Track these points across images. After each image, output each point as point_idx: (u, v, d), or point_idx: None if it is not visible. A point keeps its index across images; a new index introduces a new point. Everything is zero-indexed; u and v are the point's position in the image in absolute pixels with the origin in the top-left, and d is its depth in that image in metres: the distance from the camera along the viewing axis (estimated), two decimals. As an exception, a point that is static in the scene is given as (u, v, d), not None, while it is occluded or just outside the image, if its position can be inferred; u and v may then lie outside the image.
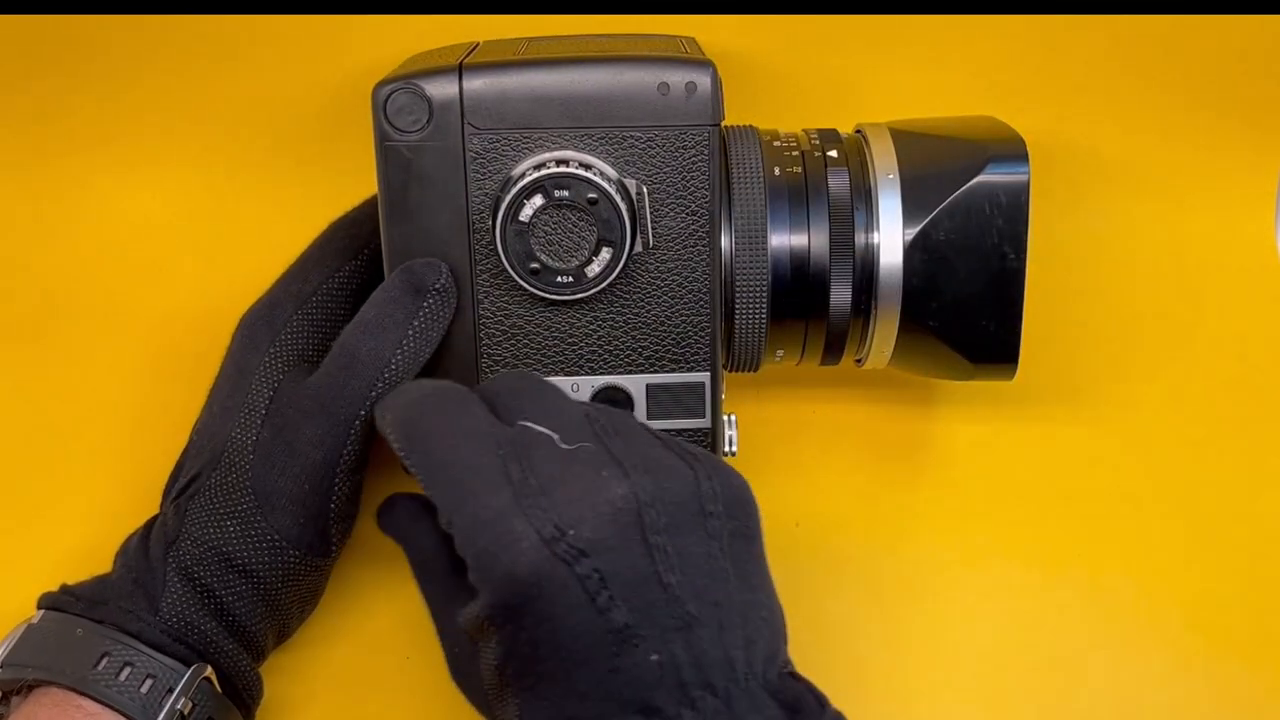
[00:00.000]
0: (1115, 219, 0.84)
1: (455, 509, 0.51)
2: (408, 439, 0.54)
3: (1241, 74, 0.80)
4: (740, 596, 0.51)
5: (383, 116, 0.60)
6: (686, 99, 0.60)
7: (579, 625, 0.48)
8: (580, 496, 0.50)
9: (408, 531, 0.58)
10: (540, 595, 0.48)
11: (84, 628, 0.57)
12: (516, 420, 0.54)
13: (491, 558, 0.49)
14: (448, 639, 0.56)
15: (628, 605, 0.48)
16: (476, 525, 0.50)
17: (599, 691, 0.48)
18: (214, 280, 0.80)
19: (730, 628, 0.49)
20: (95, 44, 0.78)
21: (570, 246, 0.60)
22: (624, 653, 0.48)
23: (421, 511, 0.58)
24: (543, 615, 0.48)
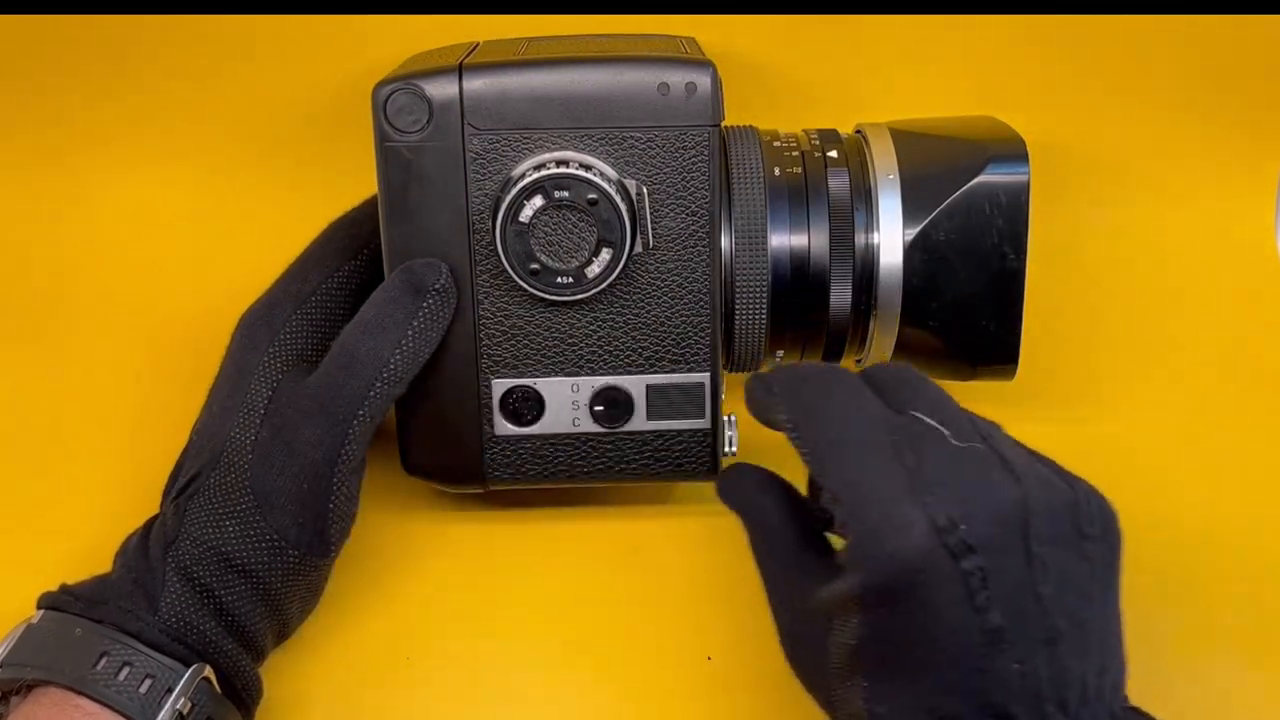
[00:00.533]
0: (1115, 219, 0.84)
1: (848, 485, 0.50)
2: (801, 411, 0.53)
3: (1241, 74, 0.80)
4: (1100, 621, 0.51)
5: (383, 117, 0.60)
6: (686, 99, 0.60)
7: (956, 620, 0.47)
8: (973, 494, 0.49)
9: (752, 503, 0.57)
10: (923, 583, 0.48)
11: (83, 627, 0.57)
12: (906, 410, 0.53)
13: (879, 537, 0.48)
14: (786, 615, 0.55)
15: (1003, 609, 0.48)
16: (867, 504, 0.49)
17: (961, 689, 0.48)
18: (214, 280, 0.80)
19: (1089, 651, 0.49)
20: (95, 44, 0.78)
21: (570, 247, 0.60)
22: (993, 655, 0.47)
23: (769, 483, 0.57)
24: (922, 603, 0.48)
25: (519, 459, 0.66)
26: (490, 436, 0.65)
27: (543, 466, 0.66)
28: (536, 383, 0.64)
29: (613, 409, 0.64)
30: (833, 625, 0.51)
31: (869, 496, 0.49)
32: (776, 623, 0.55)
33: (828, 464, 0.51)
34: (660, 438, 0.65)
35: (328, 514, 0.61)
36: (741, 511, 0.57)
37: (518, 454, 0.65)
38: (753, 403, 0.56)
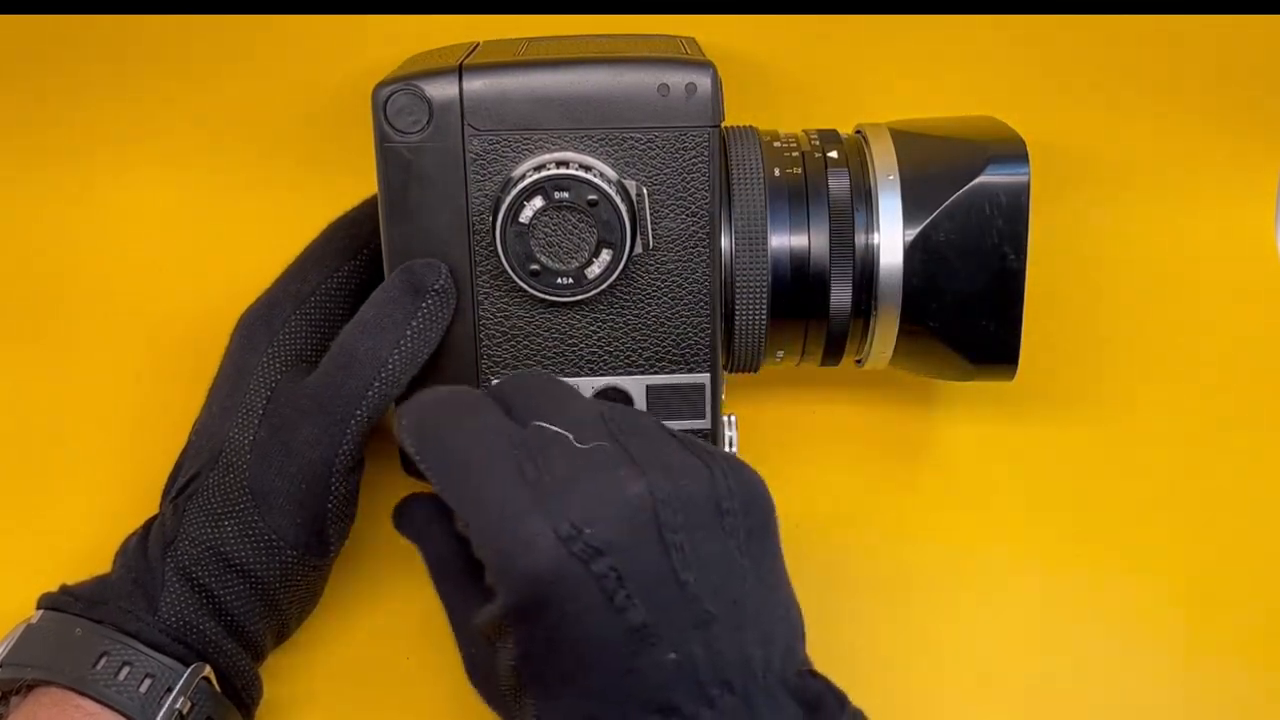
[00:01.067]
0: (1115, 219, 0.84)
1: (470, 510, 0.50)
2: (421, 440, 0.53)
3: (1241, 74, 0.80)
4: (757, 594, 0.51)
5: (383, 117, 0.60)
6: (686, 100, 0.60)
7: (596, 624, 0.48)
8: (596, 495, 0.49)
9: (424, 532, 0.58)
10: (557, 594, 0.48)
11: (83, 627, 0.57)
12: (531, 420, 0.53)
13: (508, 557, 0.48)
14: (464, 640, 0.55)
15: (645, 604, 0.48)
16: (492, 525, 0.49)
17: (616, 691, 0.48)
18: (214, 280, 0.80)
19: (748, 626, 0.49)
20: (95, 44, 0.78)
21: (570, 248, 0.60)
22: (642, 652, 0.47)
23: (437, 513, 0.57)
24: (559, 614, 0.48)
25: (519, 460, 0.66)
26: None
27: (543, 467, 0.66)
28: None
29: (613, 410, 0.64)
30: (495, 647, 0.51)
31: (494, 516, 0.50)
32: (459, 648, 0.56)
33: (452, 489, 0.52)
34: None
35: (326, 514, 0.61)
36: (415, 541, 0.58)
37: None
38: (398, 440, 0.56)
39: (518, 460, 0.51)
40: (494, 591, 0.50)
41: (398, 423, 0.56)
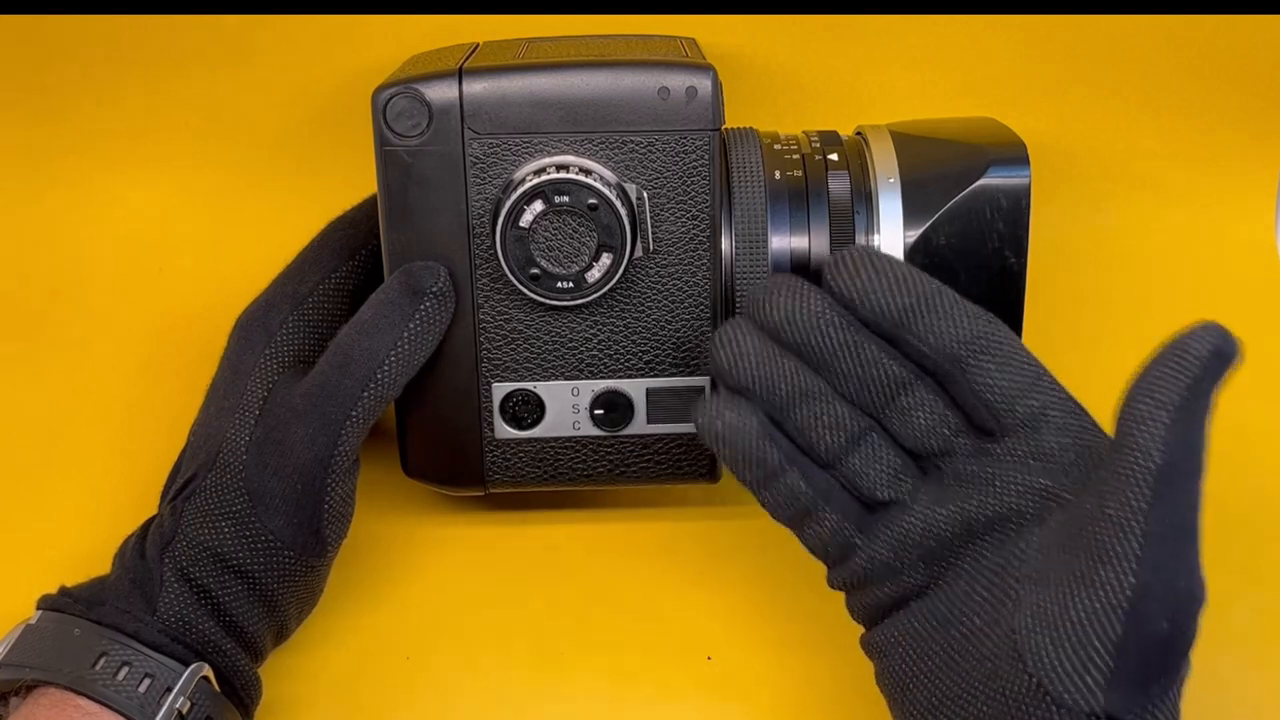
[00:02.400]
0: (1115, 219, 0.84)
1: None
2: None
3: (1241, 74, 0.80)
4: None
5: (382, 121, 0.60)
6: (687, 103, 0.60)
7: None
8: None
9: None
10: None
11: (81, 628, 0.57)
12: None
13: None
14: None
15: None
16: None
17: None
18: (214, 280, 0.80)
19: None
20: (95, 44, 0.78)
21: (570, 252, 0.60)
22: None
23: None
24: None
25: (519, 463, 0.66)
26: (490, 440, 0.65)
27: (543, 470, 0.66)
28: (537, 386, 0.64)
29: (613, 413, 0.64)
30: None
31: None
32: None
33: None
34: (660, 441, 0.65)
35: (322, 514, 0.61)
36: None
37: (518, 458, 0.66)
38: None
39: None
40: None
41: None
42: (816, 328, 0.53)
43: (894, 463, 0.55)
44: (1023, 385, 0.53)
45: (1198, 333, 0.47)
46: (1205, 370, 0.46)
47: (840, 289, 0.53)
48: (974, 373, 0.53)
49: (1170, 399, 0.46)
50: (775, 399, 0.54)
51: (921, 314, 0.53)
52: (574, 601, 0.68)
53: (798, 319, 0.53)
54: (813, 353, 0.54)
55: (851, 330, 0.53)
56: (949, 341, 0.53)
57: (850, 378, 0.54)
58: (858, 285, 0.53)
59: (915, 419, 0.54)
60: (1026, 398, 0.53)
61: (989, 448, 0.53)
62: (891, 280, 0.53)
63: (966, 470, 0.54)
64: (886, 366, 0.54)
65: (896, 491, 0.55)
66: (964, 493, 0.53)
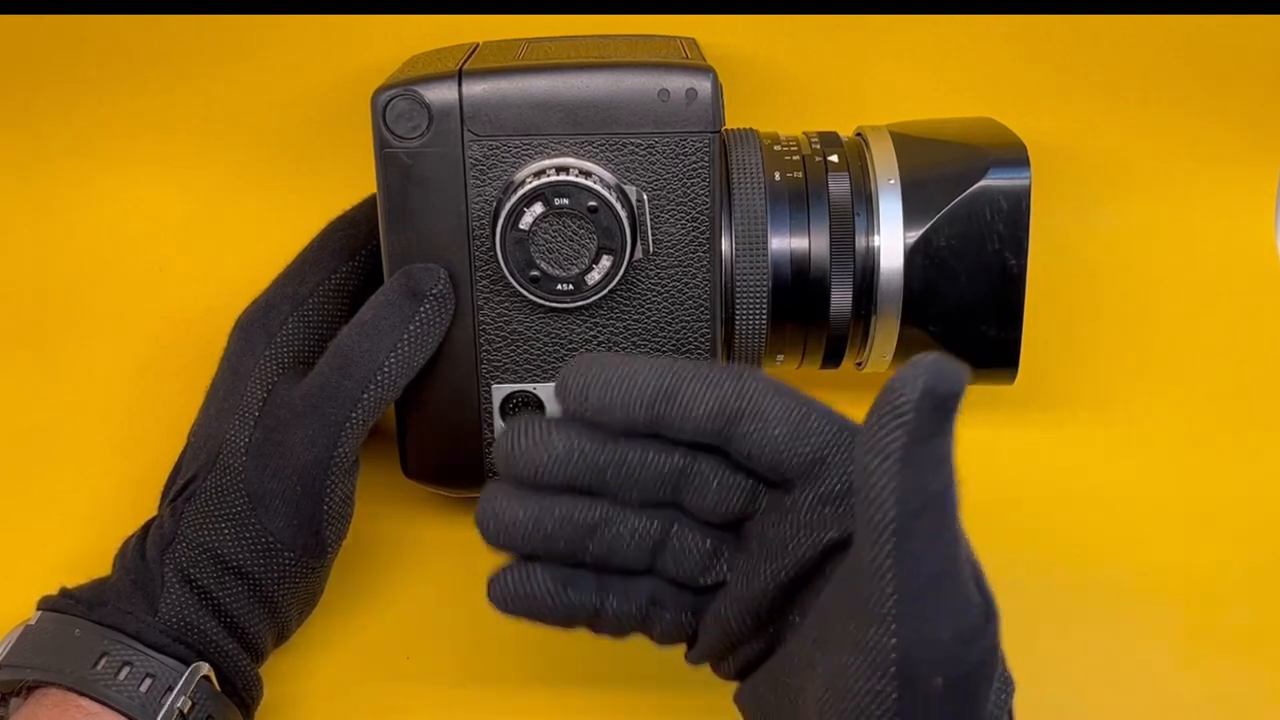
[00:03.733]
0: (1115, 220, 0.84)
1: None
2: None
3: (1241, 74, 0.80)
4: None
5: (382, 123, 0.60)
6: (686, 105, 0.60)
7: None
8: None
9: None
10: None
11: (82, 628, 0.57)
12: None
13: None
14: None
15: None
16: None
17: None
18: (214, 280, 0.80)
19: None
20: (95, 44, 0.78)
21: (570, 254, 0.60)
22: None
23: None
24: None
25: (519, 464, 0.66)
26: (491, 442, 0.65)
27: (543, 471, 0.66)
28: (537, 388, 0.64)
29: (613, 414, 0.64)
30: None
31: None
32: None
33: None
34: None
35: (322, 515, 0.61)
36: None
37: None
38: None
39: None
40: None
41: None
42: (570, 464, 0.51)
43: (704, 547, 0.52)
44: (787, 438, 0.49)
45: (905, 376, 0.44)
46: (920, 416, 0.43)
47: (576, 412, 0.50)
48: (738, 441, 0.49)
49: (891, 449, 0.43)
50: (564, 548, 0.52)
51: (664, 408, 0.49)
52: (574, 601, 0.68)
53: (547, 464, 0.50)
54: (580, 486, 0.51)
55: (606, 448, 0.51)
56: (702, 424, 0.49)
57: (628, 488, 0.51)
58: (591, 405, 0.50)
59: (707, 495, 0.51)
60: (797, 447, 0.49)
61: (784, 500, 0.51)
62: (622, 389, 0.50)
63: (769, 531, 0.51)
64: (657, 464, 0.51)
65: (716, 574, 0.52)
66: (770, 556, 0.51)
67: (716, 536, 0.52)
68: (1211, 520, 0.72)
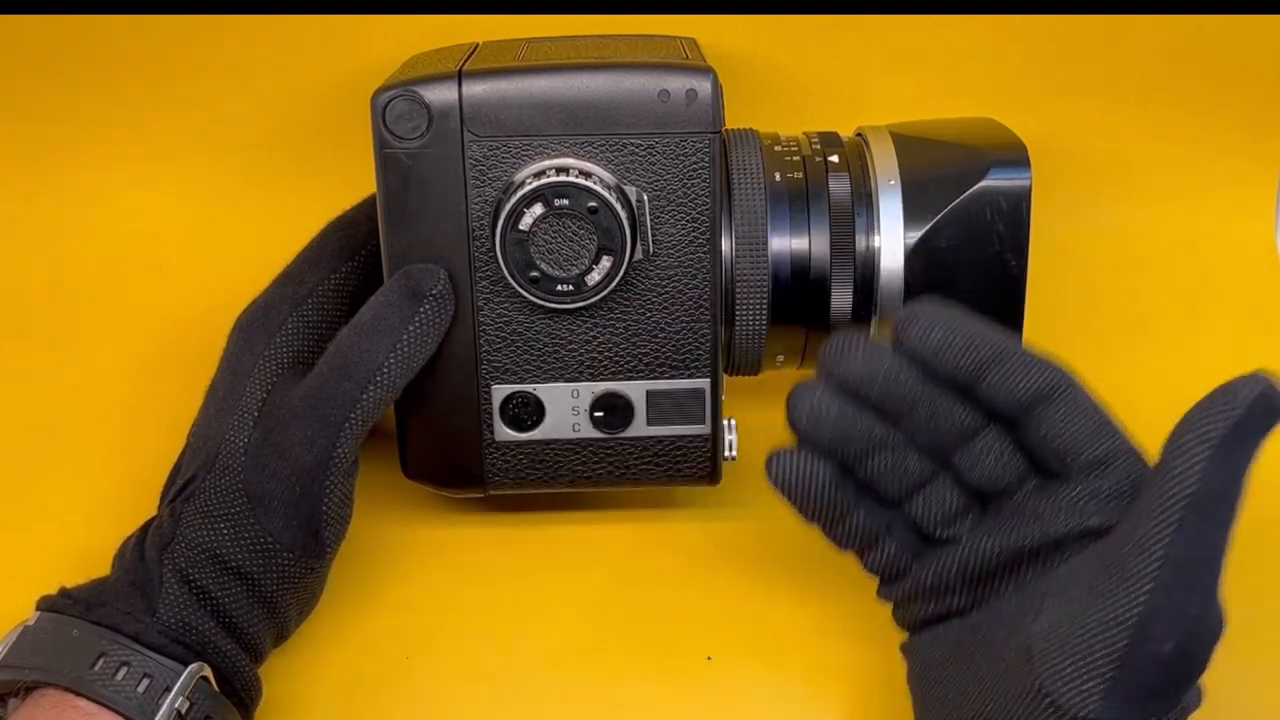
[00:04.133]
0: (1115, 219, 0.84)
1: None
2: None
3: (1241, 74, 0.80)
4: None
5: (382, 124, 0.60)
6: (687, 106, 0.60)
7: None
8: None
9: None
10: None
11: (80, 628, 0.57)
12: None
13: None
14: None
15: None
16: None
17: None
18: (214, 280, 0.80)
19: None
20: (96, 44, 0.78)
21: (570, 255, 0.60)
22: None
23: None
24: None
25: (519, 464, 0.66)
26: (490, 442, 0.65)
27: (543, 472, 0.66)
28: (537, 389, 0.64)
29: (613, 415, 0.64)
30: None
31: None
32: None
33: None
34: (660, 443, 0.65)
35: (321, 516, 0.61)
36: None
37: (518, 459, 0.66)
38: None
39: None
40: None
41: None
42: (893, 386, 0.55)
43: (955, 504, 0.57)
44: (1089, 432, 0.54)
45: (1248, 379, 0.49)
46: (1251, 413, 0.48)
47: (913, 346, 0.54)
48: (1042, 421, 0.54)
49: (1212, 434, 0.48)
50: (849, 452, 0.56)
51: (992, 369, 0.54)
52: (574, 601, 0.68)
53: (875, 377, 0.55)
54: (887, 407, 0.55)
55: (924, 386, 0.55)
56: (1018, 393, 0.54)
57: (922, 428, 0.56)
58: (929, 343, 0.54)
59: (983, 463, 0.56)
60: (1093, 444, 0.54)
61: (1051, 487, 0.55)
62: (963, 338, 0.54)
63: (1024, 506, 0.56)
64: (958, 416, 0.55)
65: (953, 530, 0.57)
66: (1016, 525, 0.55)
67: (968, 498, 0.57)
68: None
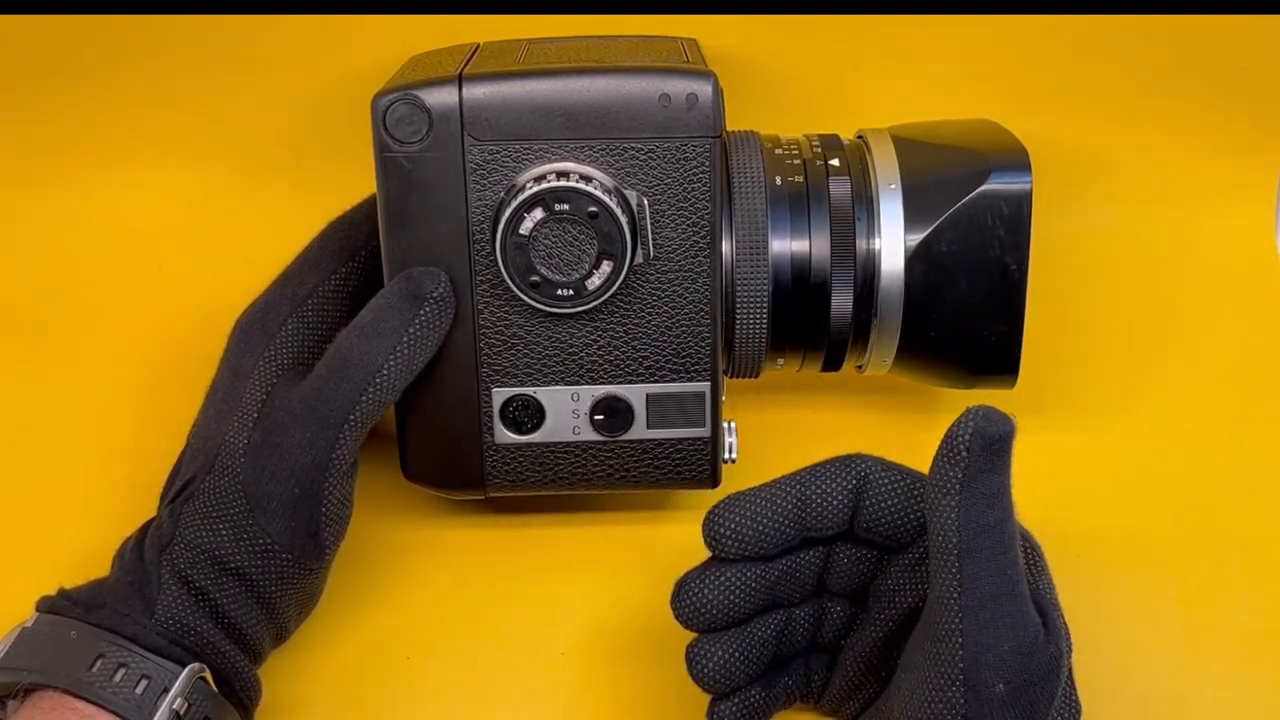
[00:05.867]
0: (1115, 220, 0.84)
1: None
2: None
3: (1241, 74, 0.80)
4: None
5: (382, 127, 0.60)
6: (687, 110, 0.60)
7: None
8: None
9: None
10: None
11: (78, 630, 0.57)
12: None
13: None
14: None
15: None
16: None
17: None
18: (214, 280, 0.80)
19: None
20: (96, 44, 0.78)
21: (571, 260, 0.60)
22: None
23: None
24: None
25: (519, 467, 0.66)
26: (490, 445, 0.65)
27: (543, 474, 0.66)
28: (537, 392, 0.64)
29: (613, 418, 0.64)
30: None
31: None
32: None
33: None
34: (660, 446, 0.65)
35: (320, 517, 0.61)
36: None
37: (518, 462, 0.66)
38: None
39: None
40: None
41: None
42: (741, 600, 0.57)
43: (843, 616, 0.60)
44: (898, 509, 0.57)
45: (962, 421, 0.52)
46: (973, 453, 0.51)
47: (737, 555, 0.57)
48: (861, 517, 0.57)
49: (951, 485, 0.51)
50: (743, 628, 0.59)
51: (806, 516, 0.57)
52: (574, 601, 0.68)
53: (736, 605, 0.57)
54: (750, 609, 0.58)
55: (771, 568, 0.58)
56: (838, 513, 0.57)
57: (793, 592, 0.59)
58: (747, 545, 0.57)
59: (842, 574, 0.59)
60: (908, 513, 0.57)
61: (894, 559, 0.58)
62: (765, 520, 0.57)
63: (882, 587, 0.58)
64: (810, 563, 0.59)
65: (849, 636, 0.60)
66: (882, 609, 0.58)
67: (851, 604, 0.60)
68: (1212, 521, 0.72)
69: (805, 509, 0.56)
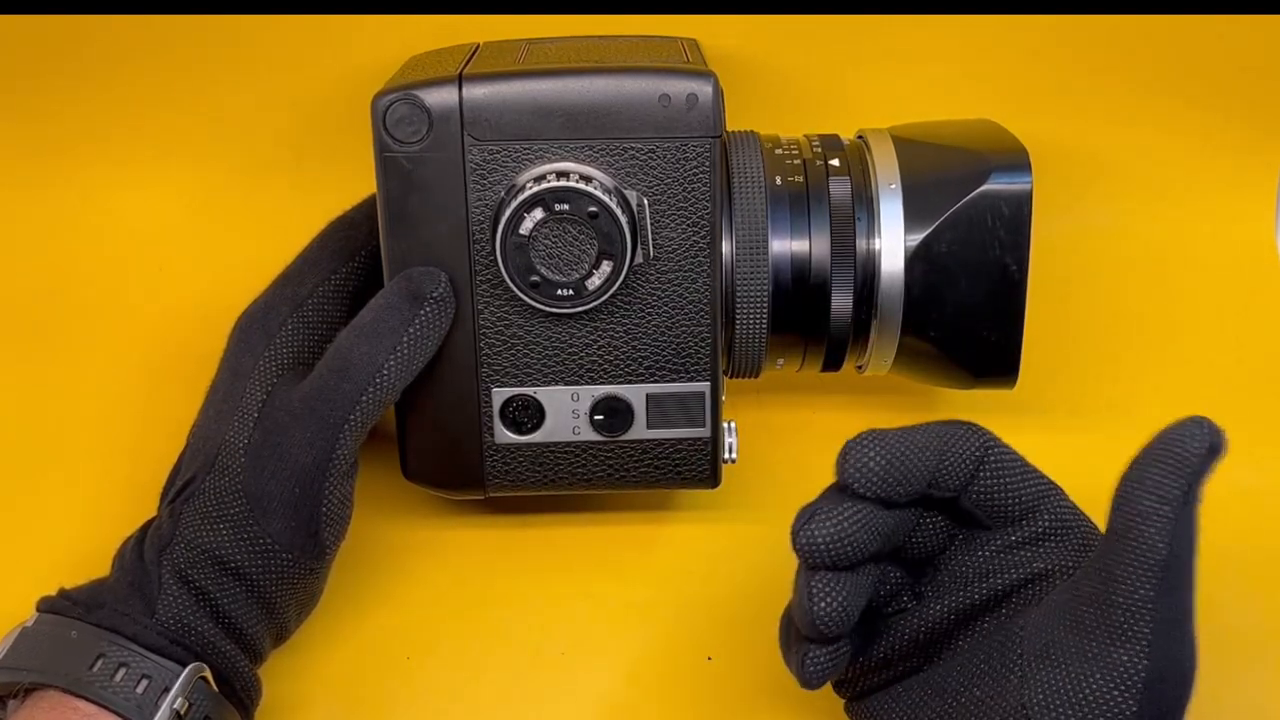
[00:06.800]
0: (1115, 220, 0.84)
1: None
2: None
3: (1241, 74, 0.80)
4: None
5: (382, 127, 0.60)
6: (687, 110, 0.60)
7: None
8: None
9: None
10: None
11: (79, 630, 0.57)
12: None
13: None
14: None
15: None
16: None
17: None
18: (214, 280, 0.80)
19: None
20: (95, 44, 0.78)
21: (570, 260, 0.60)
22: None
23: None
24: None
25: (519, 467, 0.66)
26: (490, 445, 0.65)
27: (543, 474, 0.66)
28: (537, 392, 0.64)
29: (613, 418, 0.64)
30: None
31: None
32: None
33: None
34: (660, 446, 0.65)
35: (320, 517, 0.61)
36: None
37: (518, 462, 0.66)
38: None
39: None
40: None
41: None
42: (868, 542, 0.54)
43: (898, 581, 0.58)
44: (1014, 484, 0.56)
45: (1192, 430, 0.50)
46: (1201, 466, 0.49)
47: (862, 490, 0.54)
48: (973, 490, 0.55)
49: (1172, 495, 0.49)
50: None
51: (939, 472, 0.54)
52: (574, 601, 0.68)
53: (852, 547, 0.53)
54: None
55: (893, 516, 0.55)
56: (965, 475, 0.55)
57: (894, 545, 0.57)
58: (885, 485, 0.53)
59: (914, 540, 0.57)
60: (1018, 494, 0.56)
61: (981, 538, 0.56)
62: (905, 463, 0.54)
63: (961, 563, 0.56)
64: (903, 528, 0.56)
65: (898, 605, 0.58)
66: (958, 585, 0.56)
67: (903, 571, 0.58)
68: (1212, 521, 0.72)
69: (942, 463, 0.54)
